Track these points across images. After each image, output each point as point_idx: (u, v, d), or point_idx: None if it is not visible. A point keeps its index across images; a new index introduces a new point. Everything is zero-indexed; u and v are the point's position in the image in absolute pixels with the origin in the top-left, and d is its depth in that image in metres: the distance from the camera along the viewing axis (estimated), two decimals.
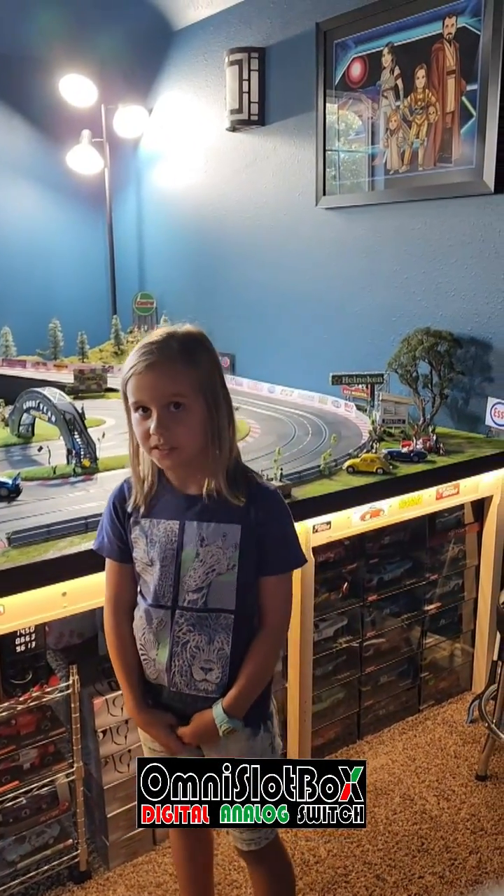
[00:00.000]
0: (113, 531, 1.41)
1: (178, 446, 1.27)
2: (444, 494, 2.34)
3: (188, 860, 1.62)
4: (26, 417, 2.59)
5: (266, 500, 1.35)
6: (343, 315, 3.10)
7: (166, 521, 1.35)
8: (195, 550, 1.33)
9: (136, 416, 1.29)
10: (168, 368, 1.25)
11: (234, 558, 1.33)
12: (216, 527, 1.32)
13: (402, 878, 1.89)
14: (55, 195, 4.24)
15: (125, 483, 1.42)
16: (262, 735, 1.43)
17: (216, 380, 1.30)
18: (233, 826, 1.45)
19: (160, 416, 1.25)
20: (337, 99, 2.94)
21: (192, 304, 3.95)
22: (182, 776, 1.36)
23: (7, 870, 1.79)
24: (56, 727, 1.82)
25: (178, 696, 1.38)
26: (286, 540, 1.38)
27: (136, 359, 1.27)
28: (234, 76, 3.29)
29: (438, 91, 2.57)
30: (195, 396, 1.27)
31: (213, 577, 1.33)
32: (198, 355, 1.28)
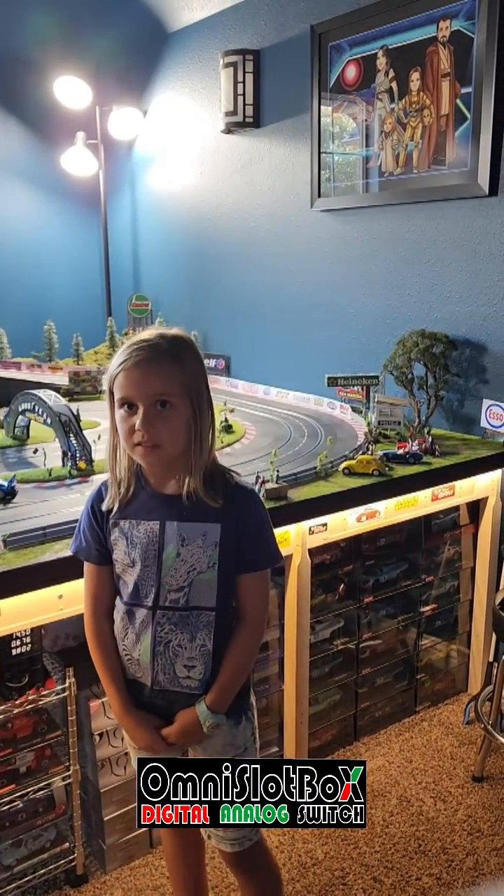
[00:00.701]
0: (91, 534, 1.42)
1: (161, 444, 1.28)
2: (439, 496, 2.35)
3: (179, 860, 1.62)
4: (21, 419, 2.58)
5: (243, 499, 1.37)
6: (338, 317, 3.11)
7: (147, 522, 1.35)
8: (176, 550, 1.34)
9: (120, 413, 1.30)
10: (158, 366, 1.27)
11: (215, 557, 1.35)
12: (196, 526, 1.34)
13: (400, 879, 1.89)
14: (50, 197, 4.23)
15: (102, 485, 1.43)
16: (243, 725, 1.44)
17: (202, 383, 1.33)
18: (231, 826, 1.45)
19: (147, 412, 1.26)
20: (332, 101, 2.94)
21: (187, 307, 3.95)
22: (182, 776, 1.36)
23: (3, 874, 1.78)
24: (52, 730, 1.81)
25: (161, 693, 1.39)
26: (263, 538, 1.39)
27: (125, 355, 1.28)
28: (228, 78, 3.29)
29: (433, 94, 2.58)
30: (182, 397, 1.29)
31: (195, 576, 1.35)
32: (186, 357, 1.30)
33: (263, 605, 1.44)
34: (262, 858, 1.53)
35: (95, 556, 1.42)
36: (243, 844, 1.47)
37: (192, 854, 1.63)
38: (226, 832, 1.46)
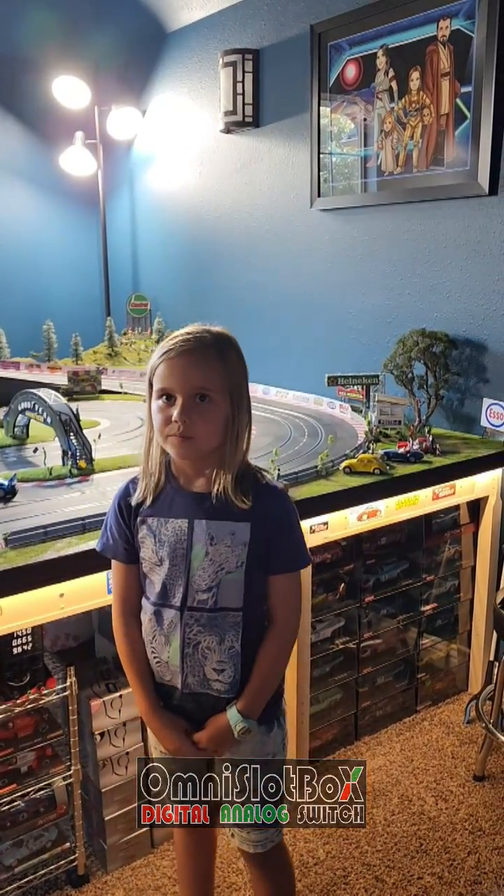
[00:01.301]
0: (118, 532, 1.40)
1: (195, 437, 1.26)
2: (440, 495, 2.34)
3: (191, 862, 1.61)
4: (21, 419, 2.57)
5: (273, 499, 1.35)
6: (338, 316, 3.11)
7: (175, 520, 1.34)
8: (204, 549, 1.32)
9: (158, 404, 1.28)
10: (201, 359, 1.26)
11: (243, 556, 1.32)
12: (225, 525, 1.32)
13: (401, 879, 1.88)
14: (48, 197, 4.23)
15: (130, 483, 1.41)
16: (275, 732, 1.42)
17: (243, 382, 1.32)
18: (234, 826, 1.45)
19: (185, 404, 1.25)
20: (331, 101, 2.94)
21: (186, 306, 3.95)
22: (182, 776, 1.36)
23: (4, 874, 1.77)
24: (53, 730, 1.80)
25: (191, 696, 1.37)
26: (293, 539, 1.37)
27: (168, 346, 1.27)
28: (228, 78, 3.29)
29: (433, 93, 2.58)
30: (222, 393, 1.27)
31: (223, 576, 1.32)
32: (229, 354, 1.30)
33: (295, 606, 1.41)
34: (282, 858, 1.53)
35: (123, 554, 1.41)
36: (266, 846, 1.47)
37: (204, 856, 1.63)
38: (249, 833, 1.45)
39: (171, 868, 1.92)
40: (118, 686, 1.88)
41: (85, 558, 1.66)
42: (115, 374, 3.71)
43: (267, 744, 1.41)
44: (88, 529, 1.75)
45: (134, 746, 1.89)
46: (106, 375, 3.64)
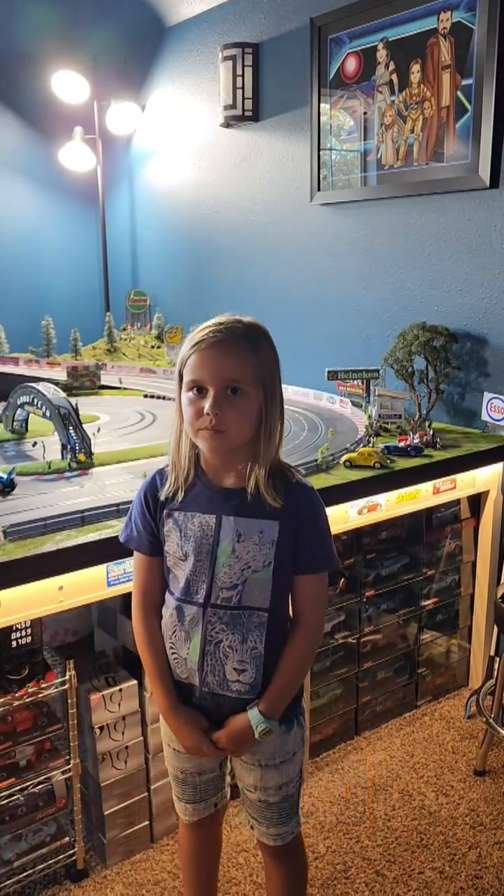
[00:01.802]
0: (143, 523, 1.37)
1: (227, 430, 1.23)
2: (440, 489, 2.34)
3: (196, 859, 1.60)
4: (20, 413, 2.56)
5: (303, 498, 1.32)
6: (338, 311, 3.10)
7: (202, 515, 1.31)
8: (231, 546, 1.29)
9: (188, 396, 1.25)
10: (234, 350, 1.23)
11: (271, 556, 1.29)
12: (253, 522, 1.29)
13: (402, 873, 1.87)
14: (47, 192, 4.22)
15: (157, 474, 1.38)
16: (295, 730, 1.41)
17: (275, 374, 1.29)
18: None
19: (217, 396, 1.22)
20: (331, 94, 2.93)
21: (185, 302, 3.94)
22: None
23: (3, 868, 1.76)
24: (53, 723, 1.79)
25: (210, 696, 1.34)
26: (322, 539, 1.34)
27: (201, 336, 1.23)
28: (227, 72, 3.28)
29: (433, 86, 2.57)
30: (254, 385, 1.24)
31: (249, 575, 1.29)
32: (262, 345, 1.27)
33: (321, 608, 1.38)
34: (298, 850, 1.53)
35: (147, 546, 1.38)
36: (286, 838, 1.46)
37: (209, 853, 1.62)
38: (269, 828, 1.45)
39: (171, 863, 1.91)
40: (118, 680, 1.87)
41: (84, 551, 1.65)
42: (114, 370, 3.70)
43: (287, 742, 1.39)
44: (87, 522, 1.75)
45: (133, 741, 1.88)
46: (105, 371, 3.63)
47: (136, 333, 4.06)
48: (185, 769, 1.48)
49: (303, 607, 1.36)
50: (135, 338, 4.03)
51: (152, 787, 1.94)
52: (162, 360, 3.83)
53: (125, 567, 1.70)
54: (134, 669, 1.92)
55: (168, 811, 1.97)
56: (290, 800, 1.45)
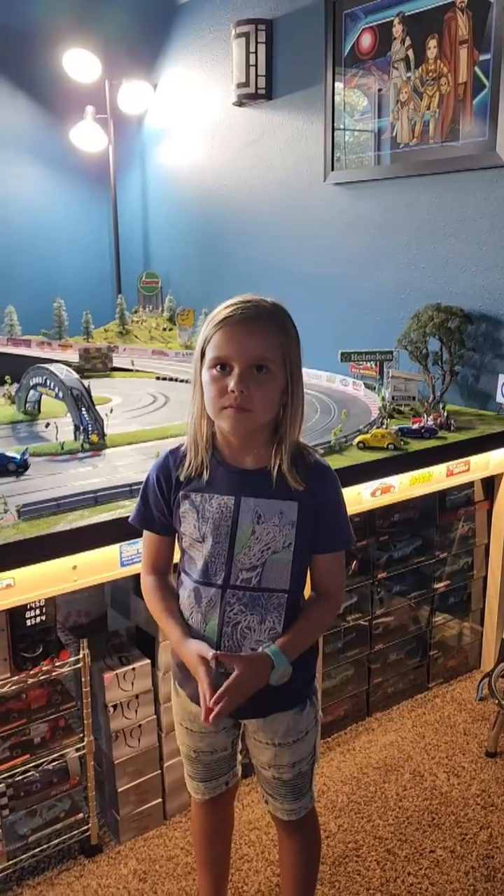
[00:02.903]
0: (154, 503, 1.36)
1: (252, 409, 1.21)
2: (454, 471, 2.32)
3: (210, 840, 1.61)
4: (33, 394, 2.56)
5: (322, 478, 1.31)
6: (351, 292, 3.07)
7: (220, 496, 1.29)
8: (251, 527, 1.28)
9: (212, 373, 1.22)
10: (261, 327, 1.21)
11: (291, 536, 1.29)
12: (273, 503, 1.28)
13: (413, 852, 1.89)
14: (58, 173, 4.19)
15: (169, 454, 1.36)
16: (307, 710, 1.41)
17: (299, 353, 1.27)
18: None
19: (243, 373, 1.20)
20: (346, 71, 2.89)
21: (197, 283, 3.92)
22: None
23: (18, 843, 1.79)
24: (67, 701, 1.81)
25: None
26: (340, 519, 1.34)
27: (226, 313, 1.21)
28: (240, 49, 3.23)
29: (450, 61, 2.53)
30: (280, 364, 1.23)
31: (269, 556, 1.29)
32: (287, 324, 1.26)
33: (342, 583, 1.39)
34: (313, 825, 1.54)
35: (158, 526, 1.38)
36: (300, 814, 1.48)
37: (222, 834, 1.63)
38: (283, 803, 1.46)
39: (184, 839, 1.93)
40: (131, 659, 1.88)
41: (97, 531, 1.66)
42: (125, 352, 3.70)
43: (301, 721, 1.40)
44: (100, 502, 1.75)
45: (147, 719, 1.90)
46: (117, 353, 3.62)
47: (147, 316, 4.05)
48: (198, 748, 1.49)
49: (323, 583, 1.36)
50: (146, 320, 4.01)
51: (165, 766, 1.95)
52: (174, 343, 3.82)
53: (138, 547, 1.70)
54: (147, 649, 1.93)
55: (180, 789, 1.98)
56: (303, 777, 1.46)
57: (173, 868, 1.85)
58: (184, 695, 1.44)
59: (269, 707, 1.37)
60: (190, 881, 1.81)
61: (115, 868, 1.85)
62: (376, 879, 1.81)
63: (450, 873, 1.82)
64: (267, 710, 1.38)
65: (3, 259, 4.06)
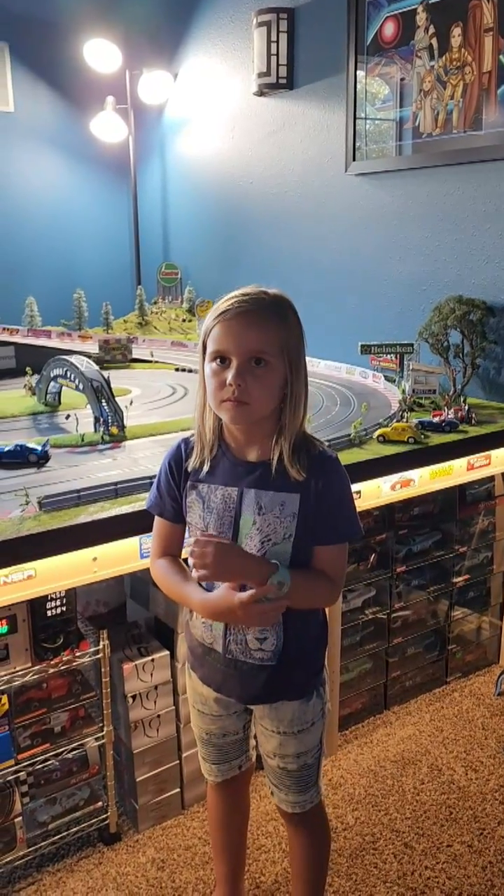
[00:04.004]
0: (167, 491, 1.39)
1: (250, 402, 1.22)
2: (475, 465, 2.30)
3: (225, 825, 1.63)
4: (53, 385, 2.58)
5: (326, 469, 1.30)
6: (372, 284, 3.05)
7: (224, 488, 1.31)
8: (252, 518, 1.29)
9: (212, 367, 1.24)
10: (258, 321, 1.22)
11: (291, 528, 1.29)
12: (274, 495, 1.28)
13: (431, 846, 1.89)
14: (79, 163, 4.19)
15: (182, 442, 1.38)
16: (314, 701, 1.42)
17: (300, 346, 1.28)
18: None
19: (240, 367, 1.21)
20: (368, 60, 2.86)
21: (217, 274, 3.91)
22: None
23: (38, 830, 1.81)
24: (86, 691, 1.83)
25: (233, 662, 1.37)
26: (344, 510, 1.33)
27: (225, 306, 1.22)
28: (262, 38, 3.21)
29: (475, 50, 2.49)
30: (278, 356, 1.23)
31: (269, 547, 1.29)
32: (287, 315, 1.26)
33: (343, 573, 1.38)
34: (320, 819, 1.55)
35: (170, 513, 1.40)
36: (305, 807, 1.48)
37: (237, 820, 1.65)
38: (288, 795, 1.47)
39: (201, 829, 1.94)
40: (150, 650, 1.90)
41: (118, 523, 1.66)
42: (145, 343, 3.70)
43: (307, 712, 1.41)
44: (121, 495, 1.75)
45: (165, 710, 1.91)
46: (136, 344, 3.63)
47: (167, 307, 4.05)
48: (210, 730, 1.51)
49: (324, 570, 1.33)
50: (166, 311, 4.02)
51: (183, 756, 1.97)
52: (193, 334, 3.82)
53: None
54: (166, 640, 1.94)
55: (198, 780, 1.99)
56: (308, 769, 1.46)
57: (191, 857, 1.86)
58: (195, 677, 1.47)
59: (275, 693, 1.39)
60: (207, 870, 1.82)
61: (134, 856, 1.87)
62: (393, 872, 1.81)
63: (467, 868, 1.82)
64: (273, 696, 1.39)
65: (24, 250, 4.07)
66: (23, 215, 4.06)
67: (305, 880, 1.56)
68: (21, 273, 4.04)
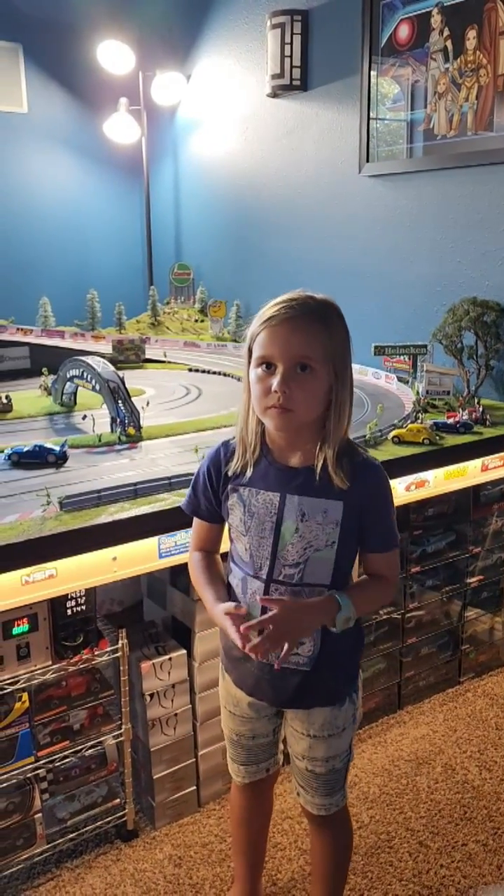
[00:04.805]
0: (204, 493, 1.40)
1: (295, 409, 1.22)
2: (489, 466, 2.31)
3: (246, 824, 1.64)
4: (69, 386, 2.60)
5: (370, 477, 1.31)
6: (385, 285, 3.06)
7: (266, 493, 1.31)
8: (295, 525, 1.29)
9: (257, 372, 1.24)
10: (304, 326, 1.21)
11: (334, 535, 1.29)
12: (318, 502, 1.28)
13: (445, 845, 1.90)
14: (92, 164, 4.22)
15: (222, 446, 1.39)
16: (346, 706, 1.42)
17: (346, 351, 1.27)
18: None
19: (286, 373, 1.20)
20: (383, 62, 2.87)
21: (229, 276, 3.92)
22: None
23: (57, 826, 1.83)
24: (105, 690, 1.84)
25: (268, 666, 1.37)
26: (387, 519, 1.34)
27: (272, 312, 1.23)
28: (275, 40, 3.22)
29: (490, 52, 2.50)
30: (324, 363, 1.22)
31: (311, 553, 1.29)
32: (333, 321, 1.25)
33: (398, 573, 1.40)
34: (344, 822, 1.55)
35: (207, 515, 1.42)
36: (330, 810, 1.49)
37: (259, 820, 1.66)
38: (314, 797, 1.47)
39: (218, 827, 1.96)
40: (167, 649, 1.91)
41: (138, 523, 1.68)
42: (157, 344, 3.72)
43: (339, 717, 1.41)
44: (140, 495, 1.77)
45: (182, 708, 1.93)
46: (149, 345, 3.65)
47: (179, 307, 4.07)
48: (240, 732, 1.52)
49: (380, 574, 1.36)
50: (178, 311, 4.04)
51: (200, 754, 1.98)
52: (205, 335, 3.83)
53: (177, 539, 1.73)
54: (183, 640, 1.95)
55: (215, 777, 2.01)
56: (336, 773, 1.47)
57: (208, 854, 1.88)
58: (229, 679, 1.48)
59: (309, 698, 1.39)
60: (224, 867, 1.84)
61: (151, 853, 1.89)
62: (409, 871, 1.83)
63: (482, 867, 1.83)
64: (307, 701, 1.40)
65: (38, 251, 4.10)
66: (36, 216, 4.09)
67: (325, 881, 1.57)
68: (35, 274, 4.07)
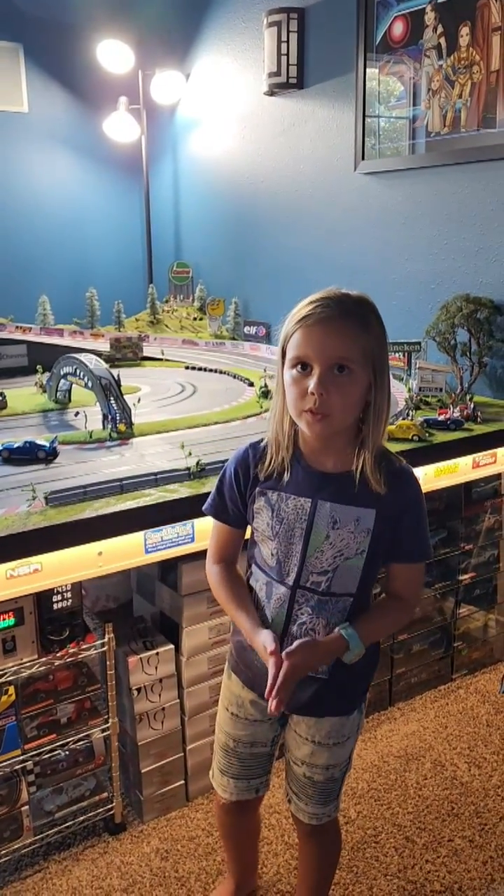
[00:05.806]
0: (230, 496, 1.35)
1: (331, 414, 1.17)
2: (480, 463, 2.31)
3: (236, 839, 1.66)
4: (63, 383, 2.61)
5: (405, 485, 1.27)
6: (380, 282, 3.06)
7: (297, 498, 1.27)
8: (326, 532, 1.25)
9: (292, 374, 1.19)
10: (342, 326, 1.17)
11: (365, 544, 1.25)
12: (350, 510, 1.24)
13: (432, 840, 1.90)
14: (92, 163, 4.23)
15: (250, 448, 1.34)
16: (354, 716, 1.41)
17: (384, 352, 1.22)
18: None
19: (322, 375, 1.15)
20: (378, 59, 2.87)
21: (228, 273, 3.93)
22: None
23: (45, 819, 1.84)
24: (92, 683, 1.86)
25: None
26: (421, 529, 1.29)
27: (306, 311, 1.18)
28: (272, 38, 3.23)
29: (483, 49, 2.49)
30: (362, 364, 1.17)
31: (341, 562, 1.26)
32: (371, 321, 1.21)
33: (419, 592, 1.37)
34: (333, 832, 1.54)
35: (231, 518, 1.38)
36: (322, 820, 1.47)
37: (247, 837, 1.67)
38: (307, 806, 1.46)
39: (205, 821, 1.97)
40: (155, 644, 1.93)
41: (122, 518, 1.69)
42: (156, 342, 3.74)
43: (345, 726, 1.40)
44: (126, 490, 1.78)
45: (170, 703, 1.94)
46: (147, 343, 3.67)
47: (178, 305, 4.08)
48: (239, 737, 1.48)
49: (397, 590, 1.33)
50: (177, 310, 4.05)
51: (188, 748, 1.99)
52: (204, 333, 3.85)
53: (162, 535, 1.74)
54: (171, 634, 1.97)
55: (202, 772, 2.02)
56: (333, 783, 1.45)
57: (195, 848, 1.89)
58: (236, 679, 1.45)
59: (321, 706, 1.37)
60: (210, 861, 1.85)
61: (138, 846, 1.90)
62: (394, 866, 1.83)
63: (468, 862, 1.84)
64: (319, 709, 1.37)
65: (37, 249, 4.12)
66: (36, 215, 4.11)
67: (311, 887, 1.58)
68: (34, 272, 4.08)
